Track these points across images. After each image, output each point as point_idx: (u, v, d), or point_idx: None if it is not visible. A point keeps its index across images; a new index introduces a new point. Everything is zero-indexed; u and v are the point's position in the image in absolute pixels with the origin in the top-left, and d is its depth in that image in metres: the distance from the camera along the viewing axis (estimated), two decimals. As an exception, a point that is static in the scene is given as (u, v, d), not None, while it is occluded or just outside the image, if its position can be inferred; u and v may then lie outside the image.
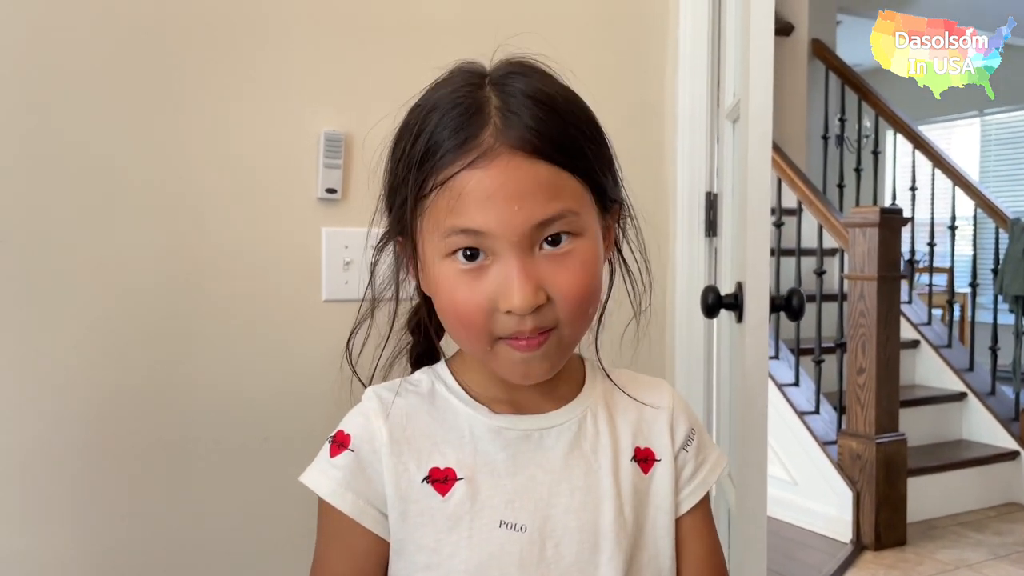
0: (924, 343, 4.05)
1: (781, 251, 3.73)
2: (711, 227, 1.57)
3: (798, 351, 3.60)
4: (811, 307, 3.37)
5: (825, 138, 4.62)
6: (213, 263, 1.17)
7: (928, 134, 4.57)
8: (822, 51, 4.76)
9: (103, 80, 1.10)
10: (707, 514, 0.84)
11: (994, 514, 3.62)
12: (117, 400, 1.12)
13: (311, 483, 0.76)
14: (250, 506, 1.20)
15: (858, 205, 4.19)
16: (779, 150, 3.83)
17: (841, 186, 4.46)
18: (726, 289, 1.43)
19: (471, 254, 0.69)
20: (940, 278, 5.19)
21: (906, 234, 3.71)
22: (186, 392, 1.16)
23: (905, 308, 3.88)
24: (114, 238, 1.11)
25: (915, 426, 3.56)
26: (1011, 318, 3.98)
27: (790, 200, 3.90)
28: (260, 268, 1.20)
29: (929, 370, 4.02)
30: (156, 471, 1.14)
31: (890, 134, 4.60)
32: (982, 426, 3.85)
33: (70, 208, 1.09)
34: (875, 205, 3.91)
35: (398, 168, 0.73)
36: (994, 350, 3.90)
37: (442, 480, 0.74)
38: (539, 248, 0.69)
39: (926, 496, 3.47)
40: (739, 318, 1.36)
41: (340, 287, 1.24)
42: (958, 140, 6.78)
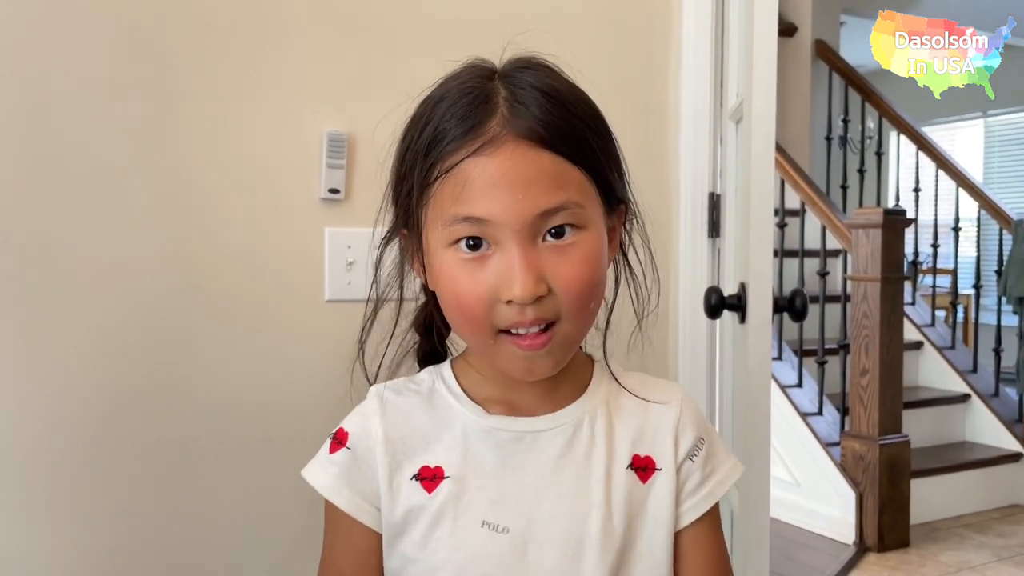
0: (927, 344, 4.04)
1: (784, 252, 3.72)
2: (714, 228, 1.57)
3: (801, 352, 3.60)
4: (814, 308, 3.36)
5: (828, 139, 4.62)
6: (215, 263, 1.17)
7: (932, 135, 4.57)
8: (826, 52, 4.75)
9: (104, 81, 1.10)
10: (714, 526, 0.80)
11: (997, 516, 3.61)
12: (118, 400, 1.12)
13: (310, 478, 0.78)
14: (251, 506, 1.20)
15: (861, 206, 4.18)
16: (782, 151, 3.83)
17: (844, 187, 4.46)
18: (729, 290, 1.43)
19: (474, 243, 0.69)
20: (944, 279, 5.18)
21: (909, 235, 3.71)
22: (187, 392, 1.16)
23: (908, 309, 3.87)
24: (116, 239, 1.11)
25: (918, 428, 3.55)
26: (1015, 319, 3.97)
27: (793, 201, 3.90)
28: (262, 268, 1.20)
29: (932, 371, 4.02)
30: (157, 471, 1.14)
31: (893, 135, 4.59)
32: (985, 428, 3.85)
33: (71, 209, 1.09)
34: (878, 206, 3.90)
35: (405, 157, 0.73)
36: (998, 352, 3.90)
37: (430, 478, 0.75)
38: (542, 239, 0.69)
39: (929, 498, 3.46)
40: (742, 319, 1.35)
41: (343, 287, 1.24)
42: (962, 141, 6.77)
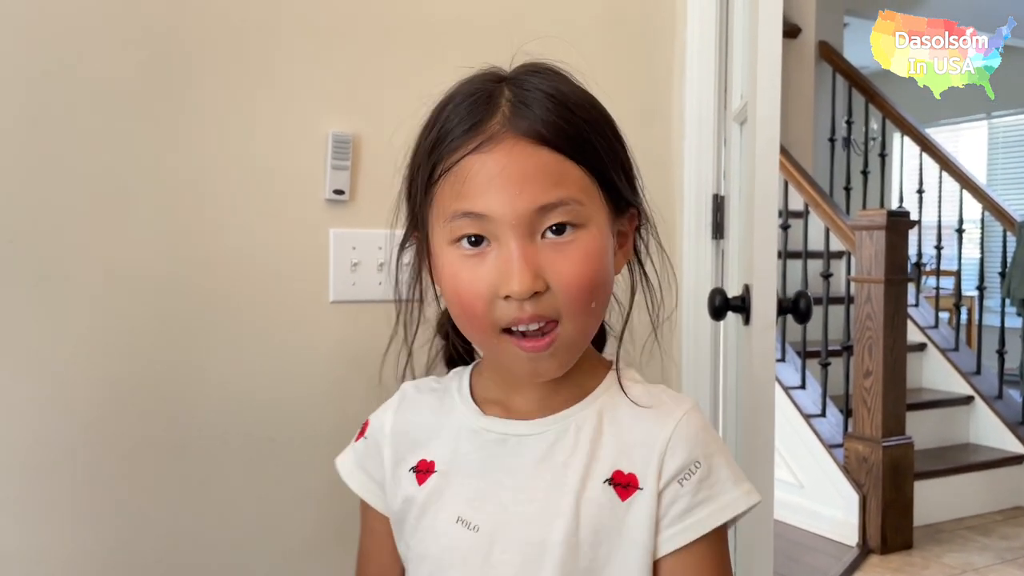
0: (931, 346, 4.04)
1: (787, 253, 3.72)
2: (718, 229, 1.57)
3: (804, 354, 3.59)
4: (817, 310, 3.36)
5: (832, 140, 4.61)
6: (220, 263, 1.17)
7: (935, 137, 4.56)
8: (829, 53, 4.75)
9: (111, 82, 1.11)
10: (704, 557, 0.73)
11: (1001, 518, 3.60)
12: (123, 399, 1.12)
13: (338, 461, 0.86)
14: (254, 505, 1.20)
15: (865, 208, 4.17)
16: (786, 152, 3.83)
17: (848, 189, 4.46)
18: (733, 291, 1.43)
19: (475, 240, 0.70)
20: (947, 281, 5.18)
21: (913, 237, 3.71)
22: (192, 392, 1.16)
23: (912, 311, 3.87)
24: (120, 239, 1.12)
25: (922, 429, 3.55)
26: (1018, 321, 3.97)
27: (796, 203, 3.90)
28: (267, 269, 1.20)
29: (936, 373, 4.01)
30: (161, 470, 1.15)
31: (897, 136, 4.59)
32: (989, 430, 3.84)
33: (77, 209, 1.09)
34: (882, 208, 3.90)
35: (414, 159, 0.75)
36: (1001, 353, 3.89)
37: (424, 471, 0.79)
38: (542, 237, 0.69)
39: (932, 500, 3.46)
40: (746, 320, 1.35)
41: (348, 288, 1.25)
42: (965, 143, 6.76)
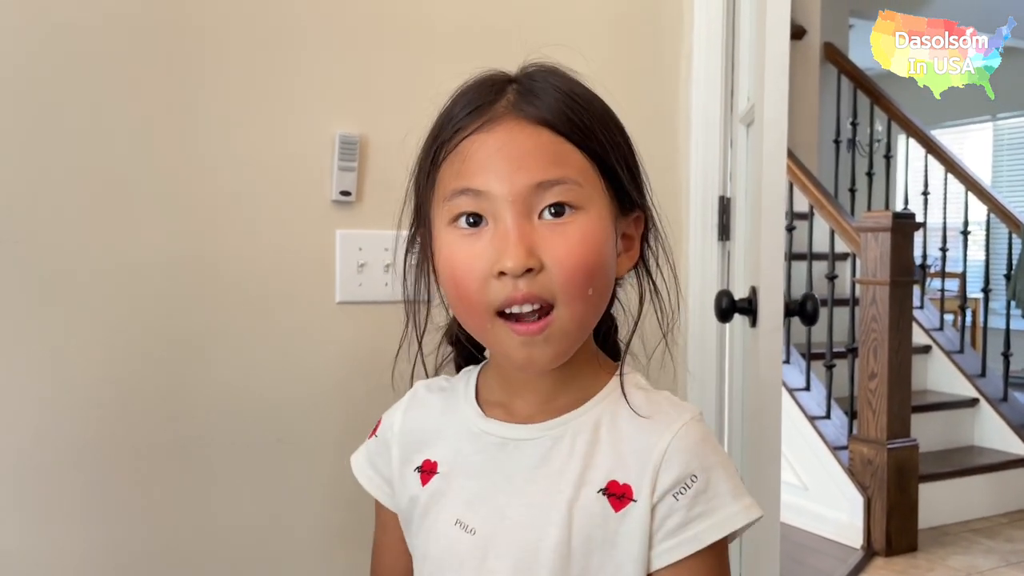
0: (936, 348, 4.03)
1: (792, 255, 3.71)
2: (724, 231, 1.57)
3: (809, 355, 3.59)
4: (822, 312, 3.36)
5: (837, 142, 4.61)
6: (226, 264, 1.18)
7: (941, 138, 4.55)
8: (834, 55, 4.75)
9: (116, 81, 1.11)
10: (701, 574, 0.71)
11: (1006, 521, 3.60)
12: (130, 399, 1.12)
13: (352, 457, 0.87)
14: (261, 506, 1.20)
15: (870, 210, 4.16)
16: (791, 154, 3.79)
17: (853, 190, 4.45)
18: (739, 293, 1.43)
19: (473, 220, 0.70)
20: (952, 283, 5.17)
21: (918, 239, 3.70)
22: (199, 392, 1.16)
23: (917, 313, 3.86)
24: (127, 239, 1.12)
25: (927, 432, 3.54)
26: (1023, 324, 3.97)
27: (802, 204, 3.89)
28: (274, 270, 1.20)
29: (941, 375, 4.00)
30: (169, 471, 1.15)
31: (902, 138, 4.58)
32: (994, 432, 3.83)
33: (83, 209, 1.09)
34: (887, 210, 3.89)
35: (422, 150, 0.76)
36: (1006, 356, 3.88)
37: (428, 471, 0.79)
38: (539, 217, 0.70)
39: (937, 502, 3.45)
40: (753, 322, 1.35)
41: (354, 289, 1.25)
42: (971, 145, 6.75)
